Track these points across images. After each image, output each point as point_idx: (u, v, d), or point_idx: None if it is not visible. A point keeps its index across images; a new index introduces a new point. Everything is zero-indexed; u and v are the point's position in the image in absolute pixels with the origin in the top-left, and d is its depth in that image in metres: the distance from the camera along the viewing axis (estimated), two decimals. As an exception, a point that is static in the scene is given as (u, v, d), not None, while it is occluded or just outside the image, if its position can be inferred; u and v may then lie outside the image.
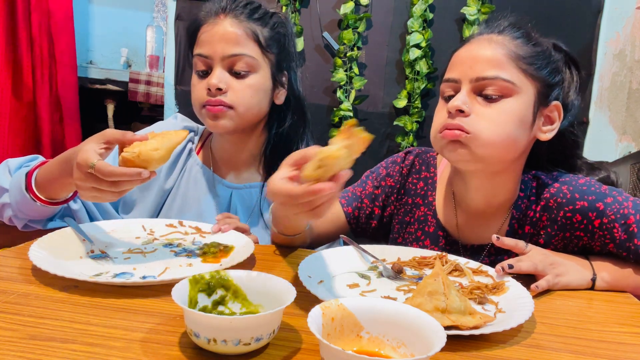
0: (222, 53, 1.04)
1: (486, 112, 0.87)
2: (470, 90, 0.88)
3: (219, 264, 0.83)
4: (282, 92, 1.14)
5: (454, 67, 0.92)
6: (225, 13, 1.06)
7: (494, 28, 0.93)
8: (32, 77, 2.24)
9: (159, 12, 2.70)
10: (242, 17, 1.06)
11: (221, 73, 1.05)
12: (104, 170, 0.76)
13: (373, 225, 1.08)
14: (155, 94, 2.46)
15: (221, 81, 1.04)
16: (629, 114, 2.16)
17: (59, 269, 0.71)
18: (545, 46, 0.93)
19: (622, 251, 0.87)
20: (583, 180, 0.92)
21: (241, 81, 1.06)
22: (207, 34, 1.06)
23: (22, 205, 0.95)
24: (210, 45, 1.05)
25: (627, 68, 2.13)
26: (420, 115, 2.16)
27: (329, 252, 0.88)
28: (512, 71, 0.87)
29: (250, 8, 1.08)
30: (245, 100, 1.06)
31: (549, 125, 0.93)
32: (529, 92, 0.89)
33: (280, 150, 1.14)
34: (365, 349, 0.56)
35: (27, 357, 0.52)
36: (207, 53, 1.05)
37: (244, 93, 1.05)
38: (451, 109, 0.87)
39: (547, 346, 0.64)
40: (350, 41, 2.14)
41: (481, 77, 0.87)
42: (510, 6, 2.10)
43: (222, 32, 1.05)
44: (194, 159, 1.18)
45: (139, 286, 0.72)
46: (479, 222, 0.98)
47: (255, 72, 1.07)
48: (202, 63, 1.07)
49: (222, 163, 1.18)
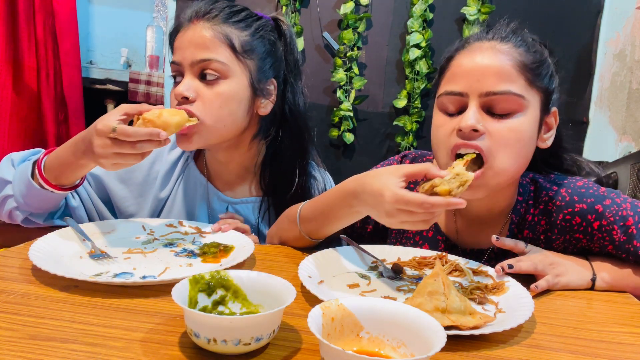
0: (191, 58, 0.98)
1: (498, 129, 0.83)
2: (479, 106, 0.84)
3: (219, 264, 0.83)
4: (266, 102, 1.05)
5: (457, 78, 0.86)
6: (198, 17, 1.00)
7: (496, 34, 0.87)
8: (36, 78, 2.25)
9: (159, 12, 2.70)
10: (217, 21, 1.00)
11: (190, 80, 0.98)
12: (126, 131, 0.79)
13: (369, 230, 1.07)
14: (155, 94, 2.46)
15: (189, 89, 0.96)
16: (629, 114, 2.16)
17: (59, 269, 0.71)
18: (544, 51, 0.90)
19: (622, 253, 0.87)
20: (581, 182, 0.92)
21: (210, 89, 0.98)
22: (179, 40, 1.01)
23: (28, 196, 0.95)
24: (180, 51, 1.00)
25: (627, 68, 2.13)
26: (420, 115, 2.16)
27: (328, 252, 0.88)
28: (521, 84, 0.83)
29: (227, 11, 1.02)
30: (213, 110, 0.97)
31: (548, 132, 0.91)
32: (536, 104, 0.86)
33: (278, 165, 1.09)
34: (365, 349, 0.56)
35: (27, 357, 0.52)
36: (177, 60, 1.00)
37: (212, 103, 0.97)
38: (465, 128, 0.82)
39: (547, 346, 0.64)
40: (350, 41, 2.14)
41: (492, 91, 0.82)
42: (510, 6, 2.11)
43: (191, 36, 0.99)
44: (191, 169, 1.14)
45: (139, 286, 0.72)
46: (479, 227, 0.98)
47: (225, 79, 0.99)
48: (175, 70, 1.01)
49: (215, 175, 1.14)
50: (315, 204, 0.93)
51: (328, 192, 0.91)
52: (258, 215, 1.12)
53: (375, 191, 0.75)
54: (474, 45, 0.87)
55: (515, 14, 2.09)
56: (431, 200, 0.70)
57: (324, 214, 0.90)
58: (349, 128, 2.20)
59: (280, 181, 1.10)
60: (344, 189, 0.84)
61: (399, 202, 0.72)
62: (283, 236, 1.01)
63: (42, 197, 0.95)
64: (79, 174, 0.95)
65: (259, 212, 1.12)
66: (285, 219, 1.01)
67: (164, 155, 1.12)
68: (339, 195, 0.85)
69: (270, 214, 1.12)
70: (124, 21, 2.70)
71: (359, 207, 0.81)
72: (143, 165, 1.09)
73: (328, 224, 0.90)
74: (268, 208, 1.12)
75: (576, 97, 2.16)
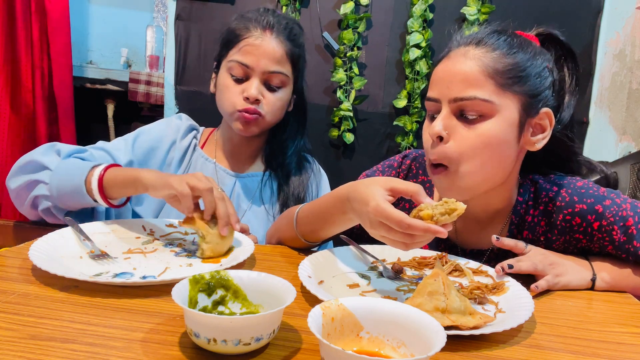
0: (264, 68, 1.14)
1: (466, 136, 0.84)
2: (451, 111, 0.86)
3: (219, 264, 0.83)
4: (293, 98, 1.26)
5: (434, 84, 0.89)
6: (271, 30, 1.16)
7: (472, 39, 0.88)
8: (31, 78, 2.25)
9: (159, 12, 2.70)
10: (283, 38, 1.16)
11: (259, 85, 1.15)
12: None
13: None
14: (155, 94, 2.46)
15: (259, 93, 1.15)
16: (629, 114, 2.16)
17: (59, 269, 0.71)
18: (529, 51, 0.87)
19: (622, 253, 0.87)
20: (581, 182, 0.92)
21: (273, 94, 1.17)
22: (252, 46, 1.14)
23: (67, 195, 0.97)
24: (254, 58, 1.14)
25: (627, 68, 2.13)
26: (420, 115, 2.16)
27: (328, 252, 0.88)
28: (490, 88, 0.83)
29: (289, 29, 1.19)
30: (275, 111, 1.19)
31: (539, 134, 0.89)
32: (511, 108, 0.85)
33: (279, 144, 1.28)
34: (365, 349, 0.56)
35: (27, 357, 0.52)
36: (250, 63, 1.14)
37: (274, 105, 1.18)
38: (432, 135, 0.86)
39: (547, 346, 0.64)
40: (350, 41, 2.14)
41: (459, 97, 0.84)
42: (510, 6, 2.11)
43: (269, 49, 1.14)
44: (199, 152, 1.27)
45: (139, 286, 0.72)
46: (478, 228, 0.98)
47: (285, 88, 1.19)
48: (241, 70, 1.15)
49: (228, 155, 1.29)
50: (312, 207, 0.93)
51: (324, 196, 0.91)
52: (261, 184, 1.27)
53: (363, 199, 0.75)
54: (453, 52, 0.89)
55: (515, 14, 2.09)
56: (409, 221, 0.68)
57: (320, 218, 0.90)
58: (349, 128, 2.20)
59: (281, 157, 1.27)
60: (338, 194, 0.85)
61: (379, 215, 0.71)
62: (281, 237, 1.01)
63: (82, 202, 0.98)
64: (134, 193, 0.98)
65: (262, 183, 1.27)
66: (283, 219, 1.01)
67: (177, 143, 1.25)
68: (334, 199, 0.86)
69: (273, 186, 1.27)
70: (123, 21, 2.69)
71: (350, 213, 0.82)
72: (160, 152, 1.22)
73: (323, 228, 0.91)
74: (270, 178, 1.28)
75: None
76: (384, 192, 0.74)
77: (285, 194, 1.24)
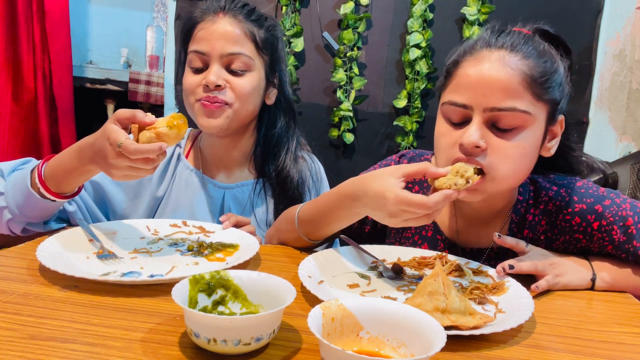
0: (221, 51, 1.06)
1: (502, 146, 0.81)
2: (483, 120, 0.81)
3: (225, 263, 0.84)
4: (273, 92, 1.17)
5: (463, 89, 0.83)
6: (224, 12, 1.09)
7: (506, 42, 0.83)
8: (33, 78, 2.25)
9: (159, 12, 2.70)
10: (241, 17, 1.09)
11: (219, 70, 1.06)
12: (130, 149, 0.77)
13: (366, 231, 1.07)
14: (155, 94, 2.46)
15: (219, 78, 1.05)
16: (629, 114, 2.16)
17: (67, 269, 0.71)
18: (553, 58, 0.85)
19: (621, 253, 0.87)
20: (581, 182, 0.92)
21: (238, 79, 1.08)
22: (205, 31, 1.07)
23: (24, 206, 0.93)
24: (208, 42, 1.06)
25: (627, 68, 2.13)
26: (420, 115, 2.16)
27: (328, 252, 0.88)
28: (527, 99, 0.80)
29: (247, 9, 1.11)
30: (244, 97, 1.08)
31: (553, 140, 0.89)
32: (541, 118, 0.83)
33: (271, 149, 1.18)
34: (365, 349, 0.56)
35: (27, 357, 0.52)
36: (205, 50, 1.07)
37: (242, 90, 1.08)
38: (468, 145, 0.80)
39: (547, 346, 0.64)
40: (350, 41, 2.14)
41: (497, 107, 0.80)
42: (510, 6, 2.11)
43: (221, 30, 1.07)
44: (184, 163, 1.18)
45: (140, 286, 0.72)
46: (479, 227, 0.98)
47: (251, 71, 1.09)
48: (199, 59, 1.08)
49: (213, 164, 1.20)
50: (313, 205, 0.93)
51: (326, 194, 0.91)
52: (253, 194, 1.18)
53: (378, 194, 0.76)
54: (482, 53, 0.83)
55: (515, 14, 2.09)
56: (431, 202, 0.72)
57: (322, 215, 0.90)
58: (349, 128, 2.20)
59: (274, 161, 1.18)
60: (343, 192, 0.84)
61: (402, 204, 0.73)
62: (282, 237, 1.01)
63: (40, 206, 0.93)
64: (82, 180, 0.94)
65: (253, 192, 1.18)
66: (283, 220, 1.01)
67: None
68: (338, 197, 0.86)
69: (266, 194, 1.18)
70: (123, 21, 2.69)
71: (358, 209, 0.82)
72: None
73: (326, 225, 0.91)
74: (263, 186, 1.19)
75: (576, 97, 2.16)
76: (396, 181, 0.75)
77: (282, 203, 1.14)
